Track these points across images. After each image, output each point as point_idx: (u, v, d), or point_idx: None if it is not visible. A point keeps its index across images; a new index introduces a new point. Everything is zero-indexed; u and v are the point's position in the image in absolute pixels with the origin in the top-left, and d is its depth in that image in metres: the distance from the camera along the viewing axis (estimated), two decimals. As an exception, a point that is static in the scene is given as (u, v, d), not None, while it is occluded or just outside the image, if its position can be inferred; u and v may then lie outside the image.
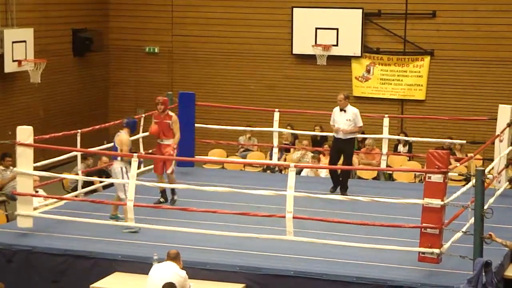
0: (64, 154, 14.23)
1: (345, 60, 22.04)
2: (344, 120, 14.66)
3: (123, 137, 12.79)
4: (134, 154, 11.98)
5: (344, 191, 14.72)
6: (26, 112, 20.74)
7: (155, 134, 13.94)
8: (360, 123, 14.78)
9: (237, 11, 22.78)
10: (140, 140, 16.09)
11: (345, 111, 14.70)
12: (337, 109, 14.83)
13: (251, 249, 11.56)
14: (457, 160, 16.34)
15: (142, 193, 12.95)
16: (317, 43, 21.87)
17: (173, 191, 13.81)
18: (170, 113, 14.06)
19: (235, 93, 22.88)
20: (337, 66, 22.04)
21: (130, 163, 12.12)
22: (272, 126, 16.79)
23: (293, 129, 19.27)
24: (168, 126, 13.90)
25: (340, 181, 14.86)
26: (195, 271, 10.75)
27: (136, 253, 11.37)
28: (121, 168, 12.53)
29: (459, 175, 13.90)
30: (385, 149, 16.39)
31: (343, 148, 14.78)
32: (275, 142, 16.87)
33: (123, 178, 12.45)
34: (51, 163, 14.37)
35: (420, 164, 18.35)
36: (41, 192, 14.13)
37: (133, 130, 13.21)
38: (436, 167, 10.53)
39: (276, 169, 18.31)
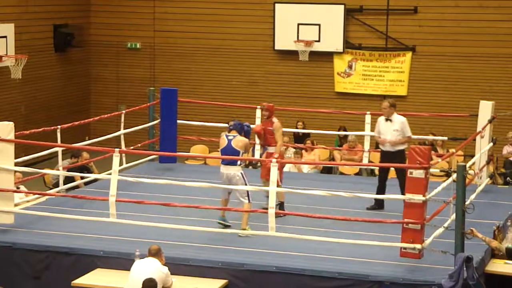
0: (46, 150, 14.17)
1: (327, 56, 22.05)
2: (391, 130, 13.34)
3: (244, 140, 12.27)
4: (116, 149, 11.93)
5: None
6: (7, 108, 20.62)
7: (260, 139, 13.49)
8: (409, 133, 13.44)
9: (219, 7, 22.75)
10: (122, 136, 16.06)
11: (391, 120, 13.43)
12: (382, 119, 13.57)
13: (234, 245, 11.54)
14: (439, 156, 16.37)
15: (124, 189, 12.92)
16: (299, 39, 21.88)
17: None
18: (274, 119, 13.51)
19: (217, 89, 22.84)
20: (319, 62, 22.05)
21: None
22: (254, 122, 16.76)
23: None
24: (271, 133, 13.40)
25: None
26: (177, 266, 10.73)
27: (118, 249, 11.32)
28: (241, 174, 12.08)
29: (441, 171, 13.95)
30: (367, 146, 16.37)
31: (393, 162, 13.14)
32: (257, 138, 16.83)
33: (245, 183, 12.02)
34: (33, 159, 14.29)
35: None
36: (22, 188, 14.06)
37: (241, 132, 12.45)
38: (418, 162, 10.56)
39: (258, 164, 18.29)
